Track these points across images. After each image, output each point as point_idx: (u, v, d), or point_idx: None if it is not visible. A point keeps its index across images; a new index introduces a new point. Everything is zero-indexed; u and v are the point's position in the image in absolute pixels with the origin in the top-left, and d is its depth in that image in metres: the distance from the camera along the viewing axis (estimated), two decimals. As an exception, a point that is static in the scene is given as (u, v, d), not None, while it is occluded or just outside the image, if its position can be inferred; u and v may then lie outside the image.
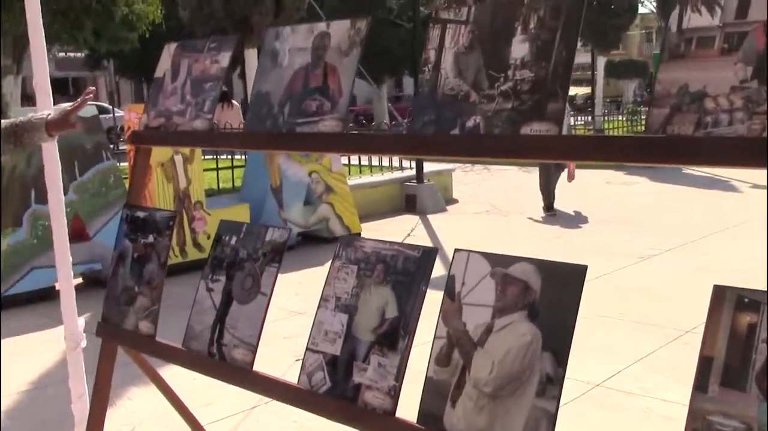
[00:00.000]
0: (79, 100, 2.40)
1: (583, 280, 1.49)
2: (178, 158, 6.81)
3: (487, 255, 1.65)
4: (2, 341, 5.05)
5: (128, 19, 13.97)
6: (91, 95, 2.40)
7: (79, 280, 6.28)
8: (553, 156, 1.55)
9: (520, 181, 11.85)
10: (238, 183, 8.96)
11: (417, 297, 1.75)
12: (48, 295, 5.68)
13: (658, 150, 1.39)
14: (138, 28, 14.42)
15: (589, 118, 20.78)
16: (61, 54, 27.56)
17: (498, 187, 11.70)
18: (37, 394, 4.12)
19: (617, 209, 9.49)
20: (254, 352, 2.04)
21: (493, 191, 11.42)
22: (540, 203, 9.25)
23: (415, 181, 9.95)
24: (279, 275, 2.08)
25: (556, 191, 9.23)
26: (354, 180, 9.74)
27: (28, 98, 30.08)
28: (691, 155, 1.32)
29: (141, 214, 2.48)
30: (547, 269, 1.55)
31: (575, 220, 8.89)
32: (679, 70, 1.40)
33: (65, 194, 6.14)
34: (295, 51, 2.11)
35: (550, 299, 1.52)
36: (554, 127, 1.54)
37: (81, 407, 3.13)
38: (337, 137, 1.90)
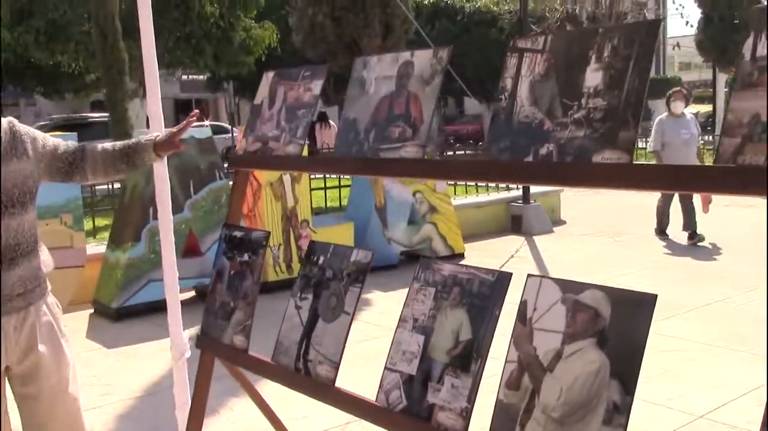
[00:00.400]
0: (183, 122, 2.57)
1: (653, 309, 1.49)
2: (287, 178, 7.06)
3: (558, 281, 1.67)
4: (121, 349, 5.39)
5: (246, 43, 14.62)
6: (195, 119, 2.58)
7: (192, 293, 6.61)
8: (624, 185, 1.55)
9: (632, 202, 11.53)
10: (345, 202, 9.17)
11: (490, 321, 1.78)
12: (163, 307, 5.99)
13: (729, 180, 1.38)
14: (255, 52, 15.07)
15: (709, 137, 19.98)
16: (185, 77, 29.04)
17: (609, 208, 11.42)
18: (149, 399, 4.37)
19: (732, 233, 9.08)
20: (337, 368, 2.12)
21: (604, 212, 11.16)
22: (653, 225, 8.97)
23: (521, 201, 9.87)
24: (382, 293, 2.14)
25: (671, 213, 8.94)
26: (459, 200, 9.77)
27: (155, 119, 31.61)
28: (759, 185, 1.30)
29: (238, 233, 2.62)
30: (617, 296, 1.55)
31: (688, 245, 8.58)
32: (751, 100, 1.38)
33: (181, 211, 6.54)
34: (381, 79, 2.19)
35: (619, 326, 1.52)
36: (625, 155, 1.54)
37: (183, 413, 3.31)
38: (416, 163, 1.96)
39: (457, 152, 12.27)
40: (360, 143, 2.18)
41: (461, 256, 8.23)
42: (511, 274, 1.81)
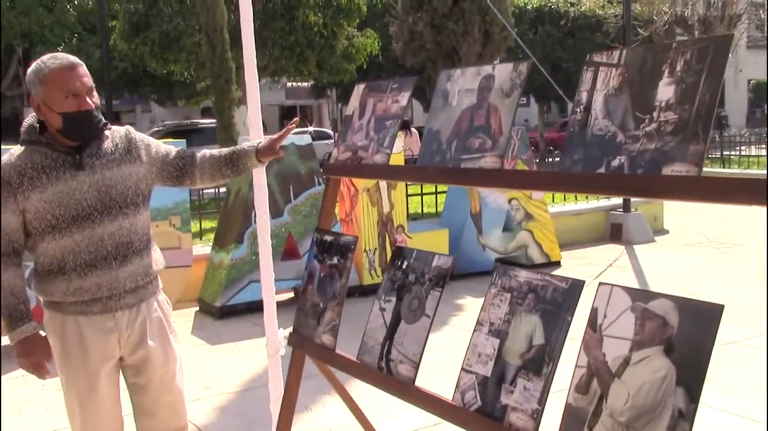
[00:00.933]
0: (283, 130, 2.73)
1: (719, 319, 1.51)
2: (383, 184, 7.22)
3: (628, 290, 1.71)
4: (223, 345, 5.66)
5: (348, 51, 14.93)
6: (294, 126, 2.72)
7: (290, 294, 6.86)
8: (692, 197, 1.58)
9: (741, 211, 11.09)
10: (441, 209, 9.25)
11: (562, 327, 1.84)
12: (262, 306, 6.25)
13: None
14: (357, 59, 15.36)
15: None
16: (290, 84, 29.85)
17: (716, 218, 11.03)
18: (246, 394, 4.59)
19: None
20: (416, 368, 2.22)
21: (711, 222, 10.79)
22: (765, 235, 8.63)
23: (621, 209, 9.69)
24: (474, 299, 2.21)
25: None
26: (557, 207, 9.68)
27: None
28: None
29: (328, 238, 2.76)
30: (685, 306, 1.59)
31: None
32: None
33: (281, 215, 6.79)
34: (463, 92, 2.28)
35: (686, 335, 1.56)
36: (694, 168, 1.57)
37: (277, 408, 3.48)
38: (495, 173, 2.04)
39: (557, 160, 12.16)
40: (442, 153, 2.28)
41: (557, 264, 8.17)
42: (583, 282, 1.86)
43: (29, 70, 2.55)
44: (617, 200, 9.83)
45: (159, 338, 2.69)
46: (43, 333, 2.62)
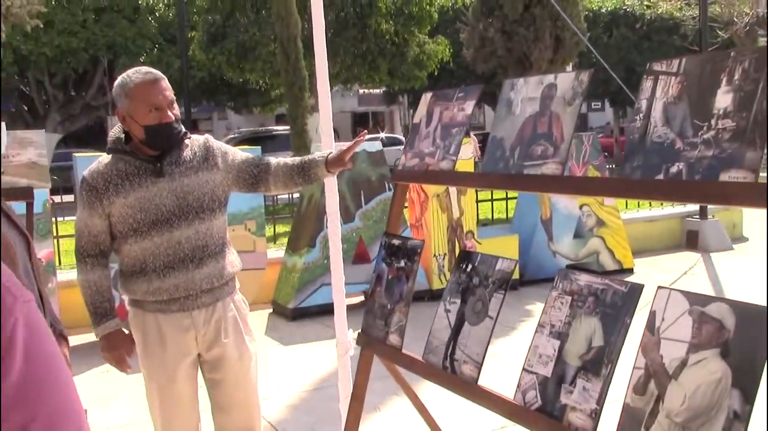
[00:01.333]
0: (352, 142, 2.81)
1: (776, 322, 1.54)
2: (453, 190, 7.28)
3: (686, 294, 1.74)
4: (295, 346, 5.82)
5: (419, 58, 15.04)
6: (363, 138, 2.84)
7: (361, 298, 6.99)
8: (748, 203, 1.61)
9: (824, 219, 10.69)
10: (512, 214, 9.25)
11: (621, 329, 1.88)
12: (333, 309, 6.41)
13: None
14: (428, 66, 15.45)
15: None
16: (363, 91, 30.18)
17: (798, 225, 10.66)
18: (317, 393, 4.73)
19: None
20: (479, 368, 2.29)
21: (792, 229, 10.44)
22: None
23: (697, 216, 9.49)
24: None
25: None
26: (630, 214, 9.55)
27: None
28: None
29: (396, 241, 2.85)
30: (741, 310, 1.61)
31: None
32: None
33: (352, 221, 6.94)
34: (527, 100, 2.34)
35: (742, 339, 1.59)
36: (751, 174, 1.60)
37: (346, 407, 3.60)
38: (556, 179, 2.10)
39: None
40: (506, 160, 2.34)
41: (630, 271, 8.07)
42: (642, 286, 1.90)
43: (116, 84, 2.72)
44: (693, 207, 9.63)
45: (234, 336, 2.81)
46: (125, 330, 2.81)
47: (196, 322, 2.75)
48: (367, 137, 3.08)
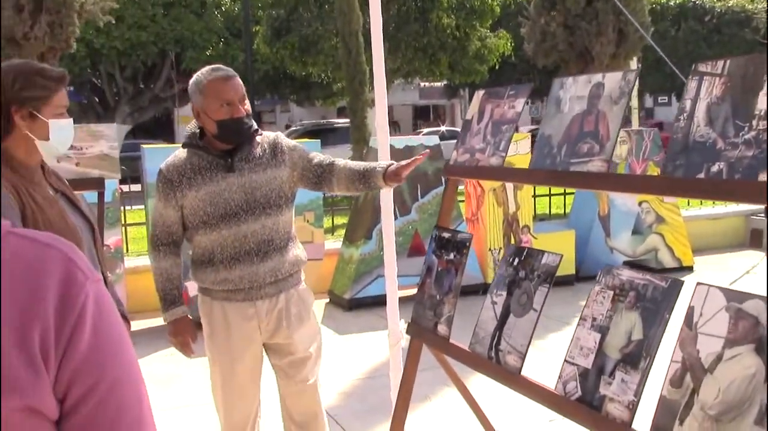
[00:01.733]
0: (411, 160, 2.79)
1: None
2: (509, 185, 7.30)
3: (724, 290, 1.78)
4: (350, 335, 5.95)
5: (480, 52, 15.01)
6: (423, 158, 2.81)
7: (416, 290, 7.08)
8: (786, 202, 1.64)
9: None
10: (570, 210, 9.21)
11: (661, 324, 1.93)
12: (389, 301, 6.53)
13: None
14: (489, 60, 15.41)
15: None
16: (424, 84, 30.19)
17: None
18: (369, 382, 4.85)
19: None
20: (523, 359, 2.36)
21: None
22: None
23: (762, 215, 9.27)
24: None
25: None
26: (692, 211, 9.40)
27: (393, 124, 33.14)
28: None
29: (446, 235, 2.93)
30: (779, 306, 1.65)
31: None
32: None
33: (408, 214, 7.03)
34: (575, 99, 2.39)
35: (778, 335, 1.62)
36: (789, 174, 1.64)
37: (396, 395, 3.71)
38: (600, 176, 2.15)
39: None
40: (552, 157, 2.40)
41: (690, 269, 7.96)
42: (682, 282, 1.94)
43: (191, 81, 2.86)
44: (758, 205, 9.41)
45: (296, 326, 2.91)
46: (191, 317, 2.96)
47: (260, 312, 2.86)
48: (426, 130, 3.14)
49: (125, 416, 0.79)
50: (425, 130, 23.36)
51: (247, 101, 2.84)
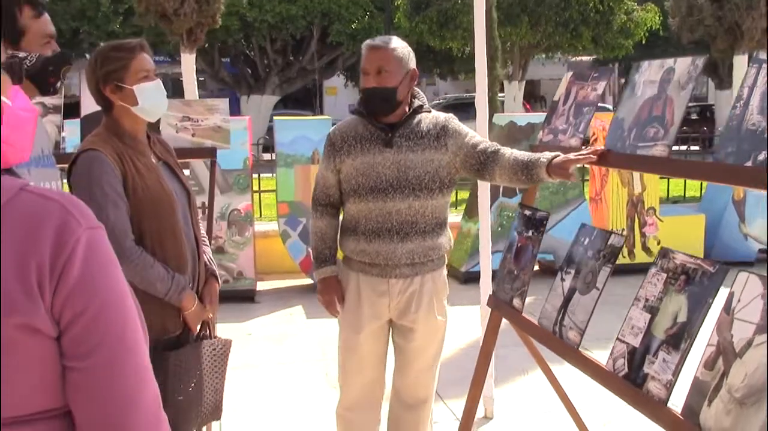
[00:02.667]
0: (581, 154, 2.52)
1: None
2: (635, 165, 7.14)
3: (763, 278, 1.81)
4: (462, 307, 6.11)
5: (626, 26, 14.49)
6: (594, 157, 2.49)
7: (535, 267, 7.11)
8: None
9: None
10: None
11: (704, 308, 1.97)
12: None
13: None
14: (635, 34, 14.86)
15: None
16: (573, 58, 29.40)
17: None
18: (470, 351, 4.99)
19: None
20: (582, 334, 2.44)
21: None
22: None
23: None
24: (723, 289, 2.08)
25: None
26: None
27: (538, 99, 32.43)
28: None
29: (527, 212, 3.02)
30: (808, 296, 1.67)
31: None
32: None
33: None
34: (648, 83, 2.42)
35: (803, 324, 1.64)
36: (825, 165, 1.64)
37: (491, 367, 3.85)
38: (662, 161, 2.19)
39: None
40: (623, 140, 2.45)
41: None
42: (728, 268, 1.96)
43: None
44: None
45: (425, 311, 2.90)
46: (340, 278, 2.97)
47: (392, 290, 2.85)
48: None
49: (110, 333, 1.01)
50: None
51: (393, 75, 2.74)
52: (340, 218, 3.01)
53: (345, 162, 2.82)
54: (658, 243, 7.13)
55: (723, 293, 1.94)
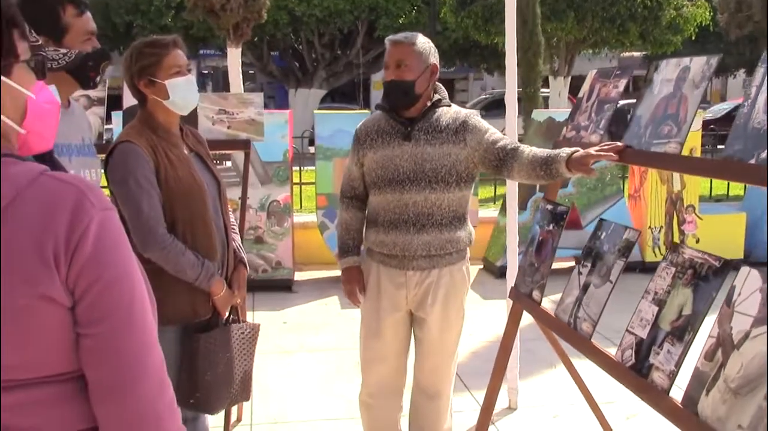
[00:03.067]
0: (601, 150, 2.56)
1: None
2: (675, 162, 7.09)
3: (763, 272, 1.86)
4: (493, 301, 6.17)
5: (675, 22, 14.29)
6: (612, 153, 2.50)
7: (571, 263, 7.13)
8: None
9: None
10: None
11: (708, 301, 2.02)
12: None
13: None
14: (684, 30, 14.64)
15: None
16: (624, 54, 29.01)
17: None
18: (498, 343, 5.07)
19: None
20: (594, 326, 2.50)
21: None
22: None
23: None
24: None
25: None
26: None
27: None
28: None
29: (549, 206, 3.09)
30: (802, 291, 1.72)
31: None
32: None
33: (565, 187, 7.06)
34: (665, 81, 2.47)
35: (797, 317, 1.69)
36: (821, 164, 1.68)
37: (516, 358, 3.92)
38: (672, 158, 2.24)
39: None
40: (639, 137, 2.50)
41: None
42: (732, 262, 2.01)
43: None
44: None
45: (441, 304, 2.96)
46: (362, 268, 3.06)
47: (409, 281, 2.93)
48: (623, 102, 3.07)
49: (119, 303, 1.13)
50: (622, 102, 22.46)
51: (412, 68, 2.82)
52: (365, 211, 3.11)
53: (367, 155, 2.94)
54: (697, 241, 7.08)
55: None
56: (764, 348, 1.74)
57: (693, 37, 15.15)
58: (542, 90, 15.79)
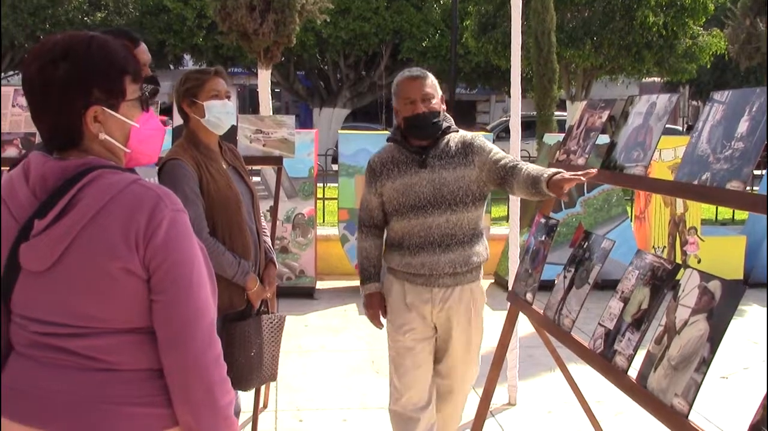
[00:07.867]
0: (576, 175, 2.75)
1: (738, 297, 2.06)
2: (678, 186, 7.48)
3: (701, 273, 2.28)
4: (503, 312, 6.57)
5: (691, 50, 14.66)
6: (590, 176, 2.77)
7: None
8: (741, 207, 2.11)
9: None
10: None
11: (661, 298, 2.45)
12: (548, 285, 7.05)
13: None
14: (700, 59, 15.00)
15: None
16: (645, 80, 29.36)
17: None
18: (504, 351, 5.47)
19: None
20: (574, 321, 2.93)
21: None
22: None
23: None
24: (761, 308, 2.53)
25: None
26: None
27: (610, 119, 32.15)
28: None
29: (543, 221, 3.52)
30: (728, 285, 2.14)
31: None
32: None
33: (573, 206, 7.46)
34: (637, 114, 2.91)
35: (721, 305, 2.12)
36: (742, 185, 2.11)
37: (516, 362, 4.34)
38: (639, 179, 2.68)
39: None
40: (616, 160, 2.94)
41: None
42: (680, 266, 2.44)
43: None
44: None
45: (463, 319, 3.20)
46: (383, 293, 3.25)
47: (434, 297, 3.13)
48: None
49: (180, 279, 1.54)
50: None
51: (435, 101, 3.05)
52: (384, 236, 3.30)
53: (386, 185, 3.11)
54: (699, 262, 7.45)
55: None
56: (698, 332, 2.17)
57: (708, 66, 15.54)
58: (560, 114, 16.21)
